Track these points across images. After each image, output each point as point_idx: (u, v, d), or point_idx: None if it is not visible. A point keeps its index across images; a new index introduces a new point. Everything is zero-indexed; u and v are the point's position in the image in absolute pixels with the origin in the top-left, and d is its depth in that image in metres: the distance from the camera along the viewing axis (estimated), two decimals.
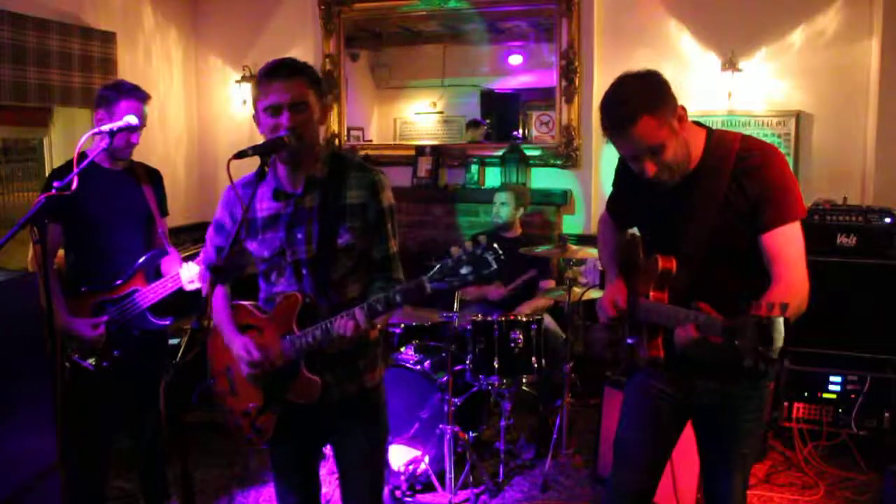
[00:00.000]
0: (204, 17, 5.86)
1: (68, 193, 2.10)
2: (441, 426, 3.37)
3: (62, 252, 2.94)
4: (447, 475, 3.34)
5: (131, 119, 2.63)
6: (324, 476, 2.36)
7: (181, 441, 2.84)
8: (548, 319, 4.05)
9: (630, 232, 2.35)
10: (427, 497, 3.47)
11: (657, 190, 2.01)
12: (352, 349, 2.07)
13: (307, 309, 2.04)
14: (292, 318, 2.04)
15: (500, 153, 5.16)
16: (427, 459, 3.46)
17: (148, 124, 2.83)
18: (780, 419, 3.88)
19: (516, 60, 6.78)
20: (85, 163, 2.27)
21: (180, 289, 2.90)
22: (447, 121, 7.29)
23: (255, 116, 2.05)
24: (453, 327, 3.52)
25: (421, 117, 7.38)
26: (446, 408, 3.34)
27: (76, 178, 2.13)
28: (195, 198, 5.86)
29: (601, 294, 2.26)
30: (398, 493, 3.43)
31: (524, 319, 3.65)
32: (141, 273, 2.89)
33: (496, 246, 1.81)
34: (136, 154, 2.95)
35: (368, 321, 1.92)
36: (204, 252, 2.30)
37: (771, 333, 1.51)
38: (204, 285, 2.31)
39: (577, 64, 4.96)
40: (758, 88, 4.67)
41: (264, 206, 2.10)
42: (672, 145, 1.90)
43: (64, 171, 2.55)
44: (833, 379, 3.81)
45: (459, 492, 3.44)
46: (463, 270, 1.80)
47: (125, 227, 2.90)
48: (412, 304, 2.20)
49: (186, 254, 3.06)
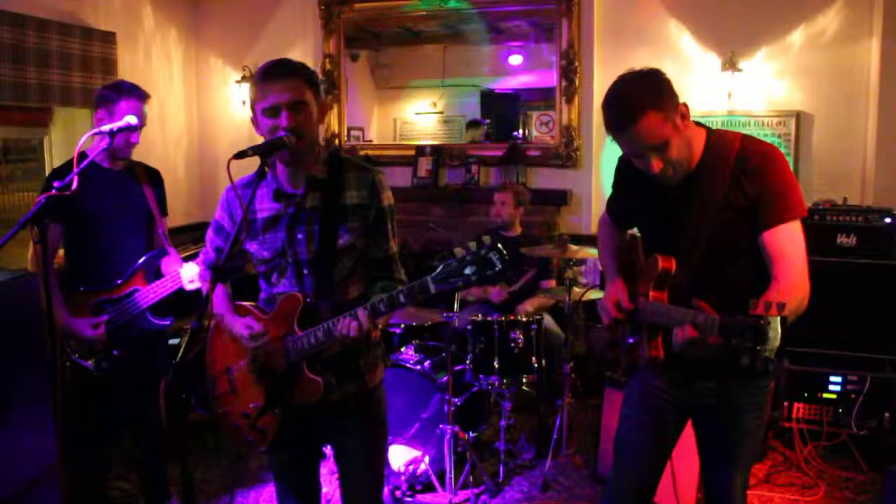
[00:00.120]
0: (204, 17, 5.86)
1: (68, 193, 2.10)
2: (441, 426, 3.37)
3: (62, 252, 2.93)
4: (447, 475, 3.34)
5: (131, 119, 2.63)
6: (324, 476, 2.36)
7: (181, 441, 2.85)
8: (548, 319, 4.05)
9: (630, 232, 2.34)
10: (427, 497, 3.47)
11: (657, 190, 2.01)
12: (352, 349, 2.06)
13: (308, 309, 2.03)
14: (293, 319, 2.03)
15: (501, 153, 5.15)
16: (427, 459, 3.46)
17: (148, 124, 2.83)
18: (780, 419, 3.88)
19: (516, 60, 6.78)
20: (85, 163, 2.27)
21: (180, 289, 2.90)
22: (447, 121, 7.29)
23: (254, 118, 2.03)
24: (453, 327, 3.52)
25: (421, 117, 7.38)
26: (446, 408, 3.34)
27: (76, 178, 2.12)
28: (195, 198, 5.86)
29: (601, 294, 2.26)
30: (398, 493, 3.42)
31: (524, 319, 3.66)
32: (141, 273, 2.89)
33: (500, 246, 1.79)
34: (136, 154, 2.95)
35: (371, 321, 1.92)
36: (204, 253, 2.30)
37: (768, 333, 1.51)
38: (204, 285, 2.30)
39: (577, 64, 4.96)
40: (758, 88, 4.68)
41: (264, 207, 2.09)
42: (676, 142, 1.89)
43: (64, 171, 2.55)
44: (833, 379, 3.81)
45: (459, 492, 3.44)
46: (467, 271, 1.79)
47: (125, 227, 2.90)
48: (415, 305, 2.19)
49: (186, 254, 3.05)
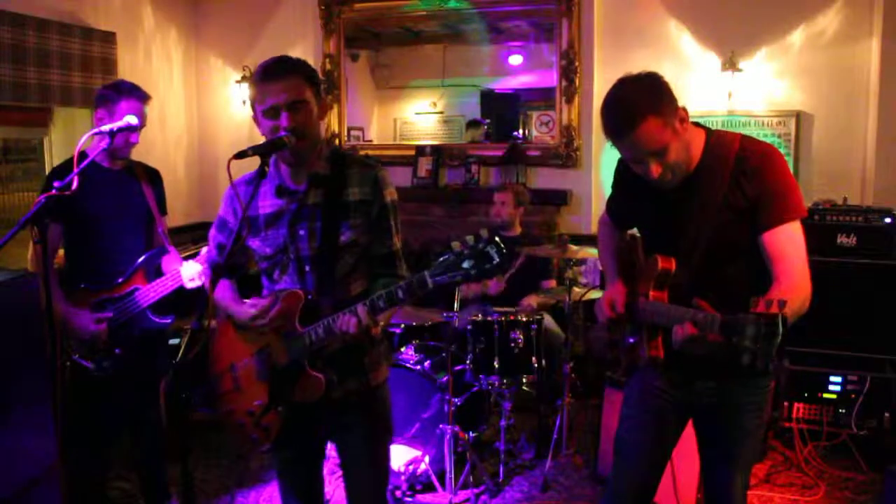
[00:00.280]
0: (204, 17, 5.86)
1: (68, 193, 2.10)
2: (441, 426, 3.37)
3: (62, 252, 2.93)
4: (447, 475, 3.34)
5: (131, 119, 2.62)
6: (325, 475, 2.35)
7: (181, 441, 2.84)
8: (548, 319, 4.05)
9: (630, 232, 2.34)
10: (427, 497, 3.47)
11: (657, 191, 2.01)
12: (355, 347, 2.06)
13: (309, 306, 2.03)
14: (295, 316, 2.03)
15: (501, 153, 5.15)
16: (427, 459, 3.46)
17: (148, 124, 2.83)
18: (781, 419, 3.88)
19: (516, 60, 6.78)
20: (85, 162, 2.26)
21: (181, 287, 2.90)
22: (447, 121, 7.29)
23: (255, 118, 2.03)
24: (453, 327, 3.52)
25: (421, 117, 7.38)
26: (446, 408, 3.34)
27: (76, 178, 2.12)
28: (195, 198, 5.86)
29: (601, 294, 2.26)
30: (398, 493, 3.42)
31: (524, 319, 3.65)
32: (141, 272, 2.89)
33: (497, 239, 1.79)
34: (136, 154, 2.95)
35: (371, 317, 1.91)
36: (207, 251, 2.30)
37: (769, 330, 1.51)
38: (208, 283, 2.30)
39: (577, 64, 4.96)
40: (758, 88, 4.68)
41: (267, 204, 2.09)
42: (674, 147, 1.89)
43: (64, 171, 2.55)
44: (833, 379, 3.81)
45: (459, 492, 3.44)
46: (465, 265, 1.78)
47: (125, 226, 2.90)
48: (414, 300, 2.18)
49: (186, 254, 3.05)
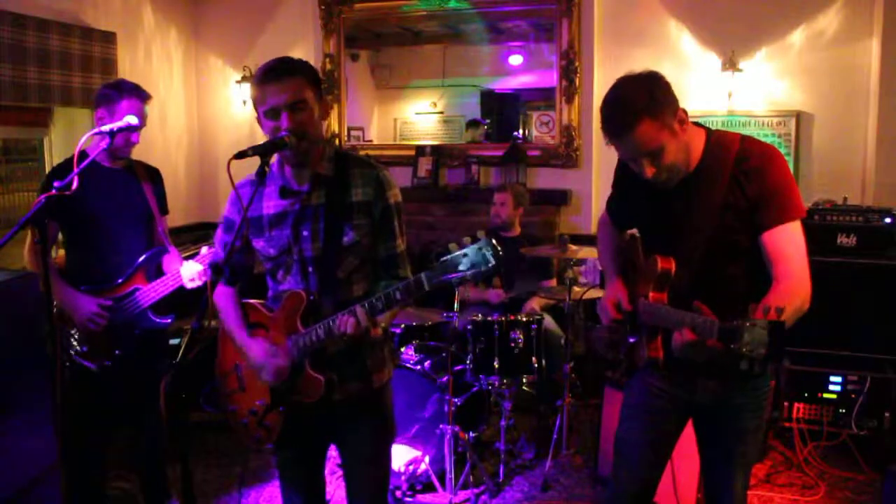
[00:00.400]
0: (204, 17, 5.86)
1: (68, 193, 2.10)
2: (441, 426, 3.37)
3: (62, 252, 2.93)
4: (447, 475, 3.34)
5: (132, 119, 2.62)
6: (325, 476, 2.36)
7: (181, 441, 2.84)
8: (548, 319, 4.05)
9: (630, 232, 2.34)
10: (427, 497, 3.47)
11: (657, 191, 2.01)
12: (358, 348, 2.06)
13: (312, 307, 2.03)
14: (297, 317, 2.03)
15: (500, 153, 5.15)
16: (427, 459, 3.46)
17: (148, 124, 2.82)
18: (781, 419, 3.88)
19: (516, 60, 6.78)
20: (86, 162, 2.26)
21: (181, 287, 2.90)
22: (447, 121, 7.29)
23: (258, 119, 2.03)
24: (453, 327, 3.52)
25: (421, 117, 7.38)
26: (446, 408, 3.34)
27: (76, 178, 2.12)
28: (195, 198, 5.85)
29: (601, 294, 2.26)
30: (398, 493, 3.42)
31: (524, 319, 3.65)
32: (142, 272, 2.89)
33: (494, 242, 1.79)
34: (136, 154, 2.95)
35: (369, 319, 1.91)
36: (213, 252, 2.30)
37: (766, 338, 1.50)
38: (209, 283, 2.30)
39: (577, 64, 4.96)
40: (758, 88, 4.68)
41: (271, 204, 2.09)
42: (671, 148, 1.89)
43: (64, 170, 2.55)
44: (833, 379, 3.81)
45: (460, 492, 3.44)
46: (461, 266, 1.78)
47: (125, 226, 2.89)
48: (413, 302, 2.18)
49: (187, 253, 3.05)
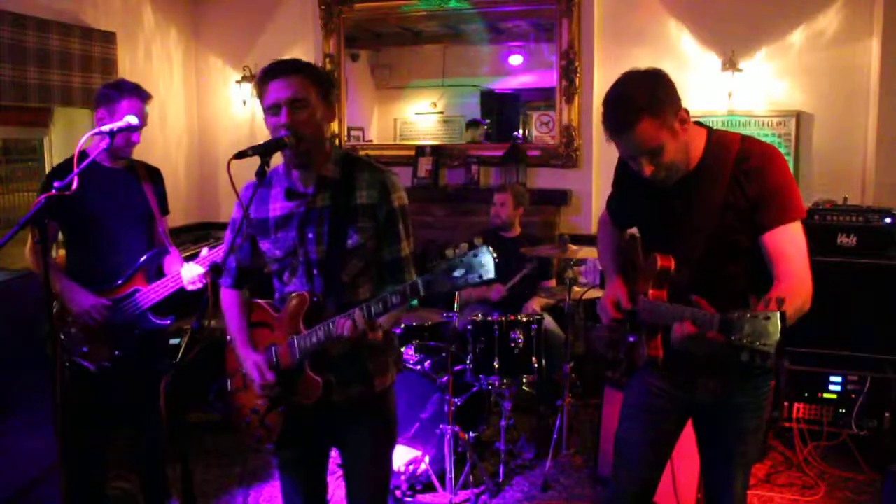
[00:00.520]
0: (204, 17, 5.86)
1: (68, 193, 2.10)
2: (441, 426, 3.37)
3: (63, 252, 2.93)
4: (447, 475, 3.34)
5: (132, 119, 2.62)
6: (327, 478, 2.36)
7: (181, 441, 2.84)
8: (548, 319, 4.05)
9: (630, 232, 2.35)
10: (427, 497, 3.47)
11: (657, 190, 2.01)
12: (357, 351, 2.06)
13: (315, 309, 2.03)
14: (300, 318, 2.04)
15: (501, 153, 5.15)
16: (427, 459, 3.46)
17: (148, 124, 2.82)
18: (781, 419, 3.88)
19: (516, 60, 6.78)
20: (86, 162, 2.26)
21: (181, 288, 2.89)
22: (447, 121, 7.29)
23: (265, 120, 2.03)
24: (453, 327, 3.52)
25: (421, 117, 7.38)
26: (446, 408, 3.34)
27: (76, 178, 2.12)
28: (195, 198, 5.86)
29: (601, 294, 2.25)
30: (398, 493, 3.42)
31: (524, 319, 3.66)
32: (142, 272, 2.88)
33: (490, 249, 1.78)
34: (137, 154, 2.94)
35: (367, 322, 1.91)
36: (219, 252, 2.29)
37: (768, 328, 1.50)
38: (221, 287, 2.30)
39: (577, 64, 4.96)
40: (758, 88, 4.68)
41: (277, 206, 2.10)
42: (671, 147, 1.89)
43: (64, 170, 2.54)
44: (833, 379, 3.81)
45: (460, 492, 3.44)
46: (456, 274, 1.78)
47: (126, 226, 2.89)
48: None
49: (187, 254, 3.05)
